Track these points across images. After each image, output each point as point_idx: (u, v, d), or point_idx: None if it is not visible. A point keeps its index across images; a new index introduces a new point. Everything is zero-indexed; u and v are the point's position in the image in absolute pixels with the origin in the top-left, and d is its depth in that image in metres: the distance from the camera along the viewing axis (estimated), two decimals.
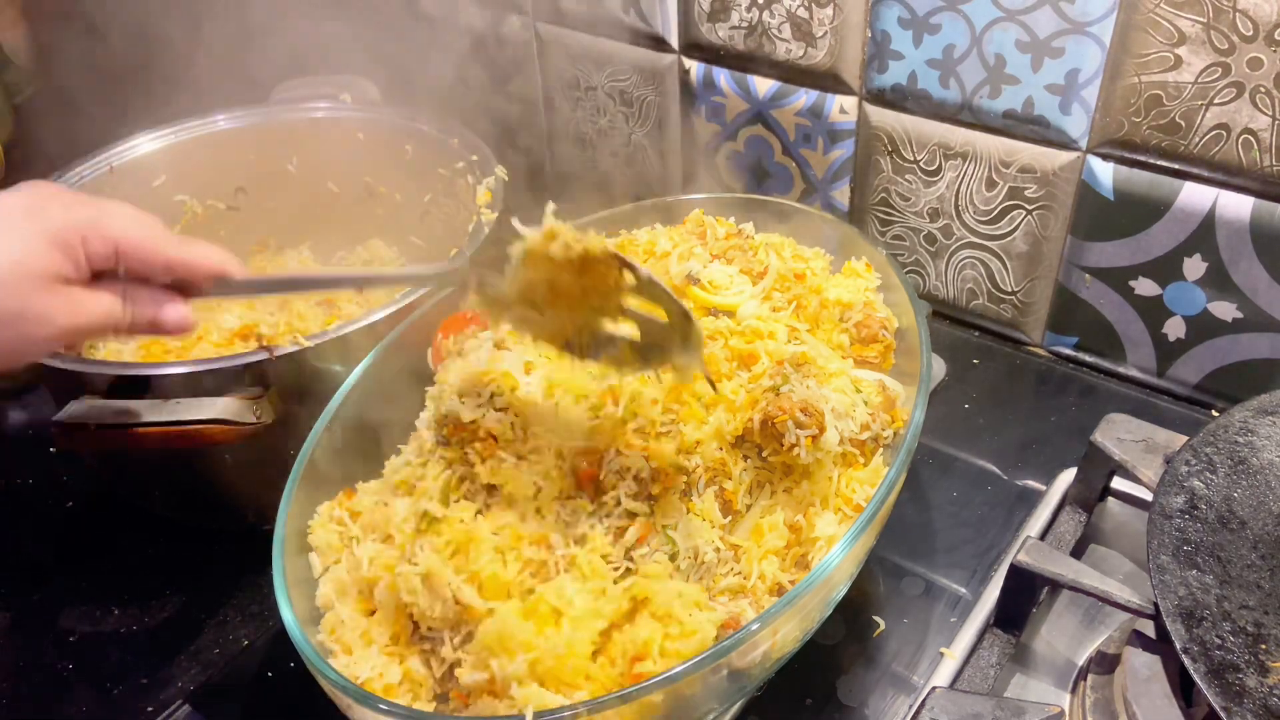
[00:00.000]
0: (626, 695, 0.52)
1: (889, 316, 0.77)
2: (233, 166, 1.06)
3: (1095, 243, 0.92)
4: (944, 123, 0.96)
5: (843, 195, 1.07)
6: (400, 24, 1.36)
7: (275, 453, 0.75)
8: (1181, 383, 0.95)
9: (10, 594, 0.85)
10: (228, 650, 0.78)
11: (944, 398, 0.94)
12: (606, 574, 0.61)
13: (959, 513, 0.84)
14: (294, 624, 0.59)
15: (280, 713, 0.74)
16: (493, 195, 0.93)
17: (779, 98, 1.05)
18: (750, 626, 0.55)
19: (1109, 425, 0.75)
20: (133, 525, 0.90)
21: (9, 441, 1.02)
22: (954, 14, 0.89)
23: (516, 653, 0.55)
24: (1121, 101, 0.85)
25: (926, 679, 0.70)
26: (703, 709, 0.60)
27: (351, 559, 0.65)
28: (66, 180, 0.96)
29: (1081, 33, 0.84)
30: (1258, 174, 0.81)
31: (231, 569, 0.84)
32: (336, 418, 0.72)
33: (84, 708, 0.75)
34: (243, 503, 0.84)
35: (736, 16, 1.03)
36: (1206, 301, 0.89)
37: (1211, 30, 0.78)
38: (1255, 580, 0.60)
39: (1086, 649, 0.71)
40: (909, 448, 0.64)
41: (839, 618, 0.73)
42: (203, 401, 0.73)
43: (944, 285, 1.05)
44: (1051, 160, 0.91)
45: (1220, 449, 0.68)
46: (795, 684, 0.71)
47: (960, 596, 0.77)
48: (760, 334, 0.72)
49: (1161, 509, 0.64)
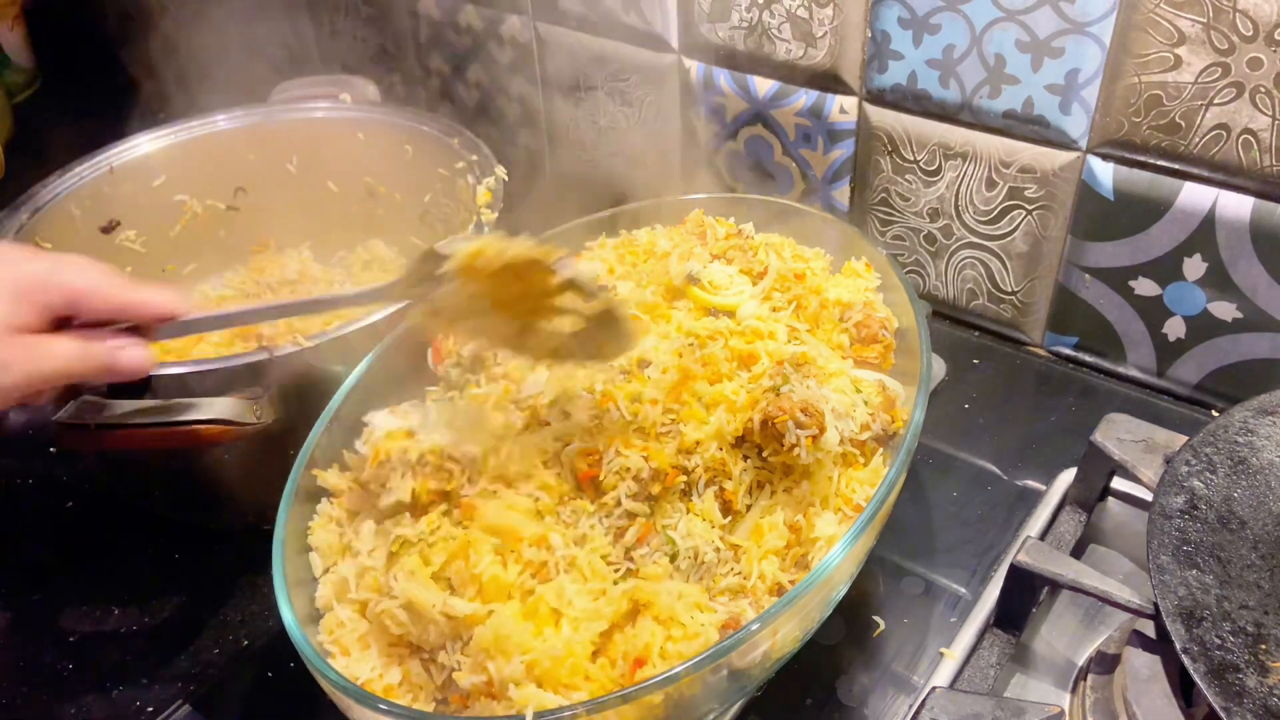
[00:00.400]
0: (626, 695, 0.52)
1: (889, 316, 0.77)
2: (233, 166, 1.06)
3: (1095, 243, 0.92)
4: (944, 123, 0.96)
5: (843, 195, 1.07)
6: (401, 24, 1.36)
7: (275, 453, 0.75)
8: (1181, 383, 0.95)
9: (10, 594, 0.85)
10: (228, 650, 0.78)
11: (944, 398, 0.94)
12: (607, 575, 0.61)
13: (959, 513, 0.84)
14: (294, 625, 0.59)
15: (280, 713, 0.74)
16: (493, 195, 0.93)
17: (779, 98, 1.05)
18: (750, 626, 0.55)
19: (1109, 425, 0.75)
20: (133, 525, 0.90)
21: (9, 441, 1.02)
22: (954, 14, 0.89)
23: (513, 654, 0.55)
24: (1121, 101, 0.85)
25: (926, 679, 0.70)
26: (703, 709, 0.60)
27: (343, 568, 0.65)
28: (67, 180, 0.96)
29: (1081, 33, 0.84)
30: (1258, 174, 0.81)
31: (231, 569, 0.84)
32: (336, 418, 0.72)
33: (84, 708, 0.75)
34: (243, 503, 0.84)
35: (736, 16, 1.03)
36: (1206, 301, 0.89)
37: (1211, 30, 0.78)
38: (1255, 580, 0.60)
39: (1086, 649, 0.71)
40: (909, 448, 0.64)
41: (839, 618, 0.73)
42: (203, 401, 0.72)
43: (944, 285, 1.05)
44: (1051, 160, 0.91)
45: (1220, 449, 0.68)
46: (795, 684, 0.71)
47: (960, 596, 0.77)
48: (760, 334, 0.72)
49: (1161, 509, 0.64)
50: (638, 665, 0.57)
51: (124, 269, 1.00)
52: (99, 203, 0.98)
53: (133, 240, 1.01)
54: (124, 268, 1.00)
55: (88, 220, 0.97)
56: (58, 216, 0.94)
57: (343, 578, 0.64)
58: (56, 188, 0.95)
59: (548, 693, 0.55)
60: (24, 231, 0.91)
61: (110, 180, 0.98)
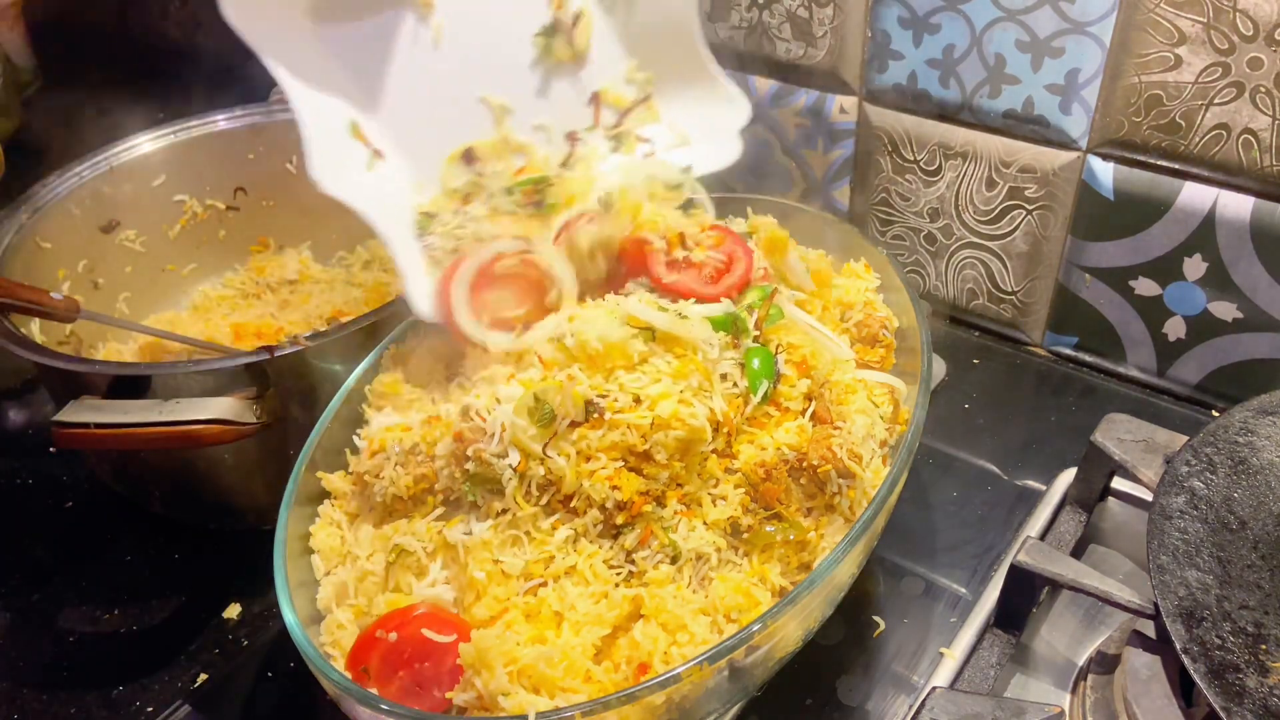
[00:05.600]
0: (628, 695, 0.52)
1: (889, 316, 0.77)
2: (233, 166, 1.06)
3: (1095, 243, 0.92)
4: (944, 123, 0.96)
5: (843, 195, 1.07)
6: None
7: (275, 453, 0.75)
8: (1181, 383, 0.95)
9: (10, 594, 0.85)
10: (228, 650, 0.78)
11: (944, 398, 0.94)
12: (609, 578, 0.61)
13: (959, 513, 0.84)
14: (297, 626, 0.59)
15: (280, 713, 0.74)
16: None
17: (779, 98, 1.05)
18: (751, 627, 0.55)
19: (1109, 425, 0.75)
20: (133, 525, 0.90)
21: (9, 441, 1.02)
22: (954, 14, 0.89)
23: (495, 665, 0.55)
24: (1121, 101, 0.85)
25: (926, 679, 0.70)
26: (704, 709, 0.60)
27: (342, 573, 0.65)
28: (67, 180, 0.96)
29: (1081, 33, 0.84)
30: (1258, 174, 0.81)
31: (231, 569, 0.84)
32: (336, 418, 0.72)
33: (84, 708, 0.75)
34: (243, 503, 0.85)
35: (736, 16, 1.03)
36: (1206, 301, 0.89)
37: (1211, 30, 0.78)
38: (1255, 580, 0.60)
39: (1086, 649, 0.71)
40: (909, 448, 0.64)
41: (839, 618, 0.73)
42: (203, 401, 0.73)
43: (944, 285, 1.05)
44: (1051, 160, 0.91)
45: (1220, 449, 0.68)
46: (795, 684, 0.71)
47: (960, 596, 0.77)
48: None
49: (1161, 509, 0.64)
50: (642, 670, 0.57)
51: (124, 269, 1.00)
52: (99, 203, 0.98)
53: (133, 240, 1.01)
54: (124, 268, 1.00)
55: (88, 220, 0.97)
56: (58, 216, 0.94)
57: (342, 581, 0.64)
58: (56, 188, 0.95)
59: (543, 698, 0.55)
60: (24, 231, 0.91)
61: (110, 180, 0.98)
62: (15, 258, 0.88)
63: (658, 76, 0.83)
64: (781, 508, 0.63)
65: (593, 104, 0.81)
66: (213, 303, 1.05)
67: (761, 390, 0.65)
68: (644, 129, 0.82)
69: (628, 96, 0.82)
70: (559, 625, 0.59)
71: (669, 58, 0.82)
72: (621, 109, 0.82)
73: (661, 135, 0.83)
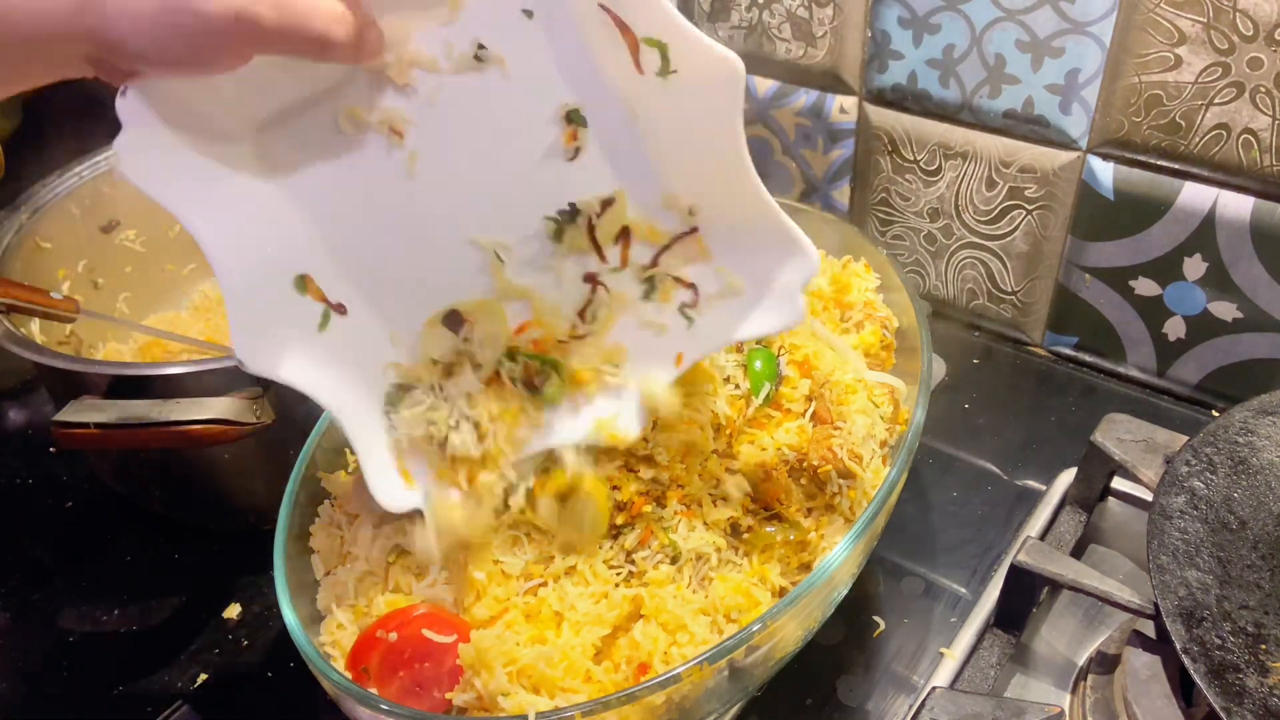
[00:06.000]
0: (628, 695, 0.52)
1: (889, 316, 0.77)
2: None
3: (1095, 242, 0.92)
4: (944, 123, 0.96)
5: (843, 195, 1.07)
6: None
7: (275, 453, 0.75)
8: (1181, 383, 0.95)
9: (10, 594, 0.85)
10: (228, 650, 0.78)
11: (944, 398, 0.94)
12: (609, 578, 0.61)
13: (959, 513, 0.84)
14: (297, 627, 0.59)
15: (280, 713, 0.74)
16: None
17: (779, 98, 1.05)
18: (751, 627, 0.55)
19: (1109, 425, 0.75)
20: (133, 525, 0.90)
21: (9, 441, 1.02)
22: (954, 14, 0.89)
23: (495, 666, 0.55)
24: (1121, 101, 0.85)
25: (926, 679, 0.70)
26: (704, 709, 0.60)
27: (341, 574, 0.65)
28: (67, 180, 0.96)
29: (1081, 32, 0.84)
30: (1258, 174, 0.81)
31: (231, 569, 0.84)
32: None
33: (84, 708, 0.75)
34: (243, 503, 0.85)
35: (736, 16, 1.03)
36: (1206, 301, 0.89)
37: (1211, 30, 0.78)
38: (1255, 580, 0.60)
39: (1086, 649, 0.71)
40: (909, 448, 0.64)
41: (839, 618, 0.73)
42: (203, 401, 0.72)
43: (944, 285, 1.05)
44: (1051, 160, 0.91)
45: (1220, 449, 0.68)
46: (795, 684, 0.71)
47: (960, 596, 0.77)
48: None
49: (1161, 509, 0.64)
50: (642, 670, 0.57)
51: (124, 269, 1.00)
52: (99, 203, 0.98)
53: (133, 240, 1.01)
54: (124, 268, 1.00)
55: (88, 220, 0.97)
56: (58, 216, 0.94)
57: (342, 581, 0.64)
58: (56, 188, 0.95)
59: (541, 697, 0.55)
60: (24, 231, 0.90)
61: (110, 180, 0.98)
62: (15, 258, 0.88)
63: (704, 206, 0.59)
64: (781, 508, 0.64)
65: (620, 239, 0.60)
66: (213, 303, 1.05)
67: (764, 393, 0.66)
68: (688, 268, 0.60)
69: (665, 229, 0.59)
70: (559, 625, 0.59)
71: (714, 184, 0.58)
72: (658, 244, 0.60)
73: (707, 280, 0.60)
